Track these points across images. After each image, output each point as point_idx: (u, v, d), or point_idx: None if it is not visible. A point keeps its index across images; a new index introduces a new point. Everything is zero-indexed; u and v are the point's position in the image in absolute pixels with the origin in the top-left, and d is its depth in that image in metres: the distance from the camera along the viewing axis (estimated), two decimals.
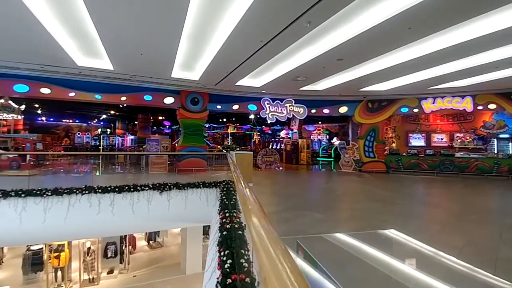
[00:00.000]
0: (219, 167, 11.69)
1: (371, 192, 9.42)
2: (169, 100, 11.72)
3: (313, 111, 14.14)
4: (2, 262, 9.43)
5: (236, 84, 10.98)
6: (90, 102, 11.20)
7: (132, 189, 5.83)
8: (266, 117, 13.52)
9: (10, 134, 13.08)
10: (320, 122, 23.35)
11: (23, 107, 12.87)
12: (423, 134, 16.22)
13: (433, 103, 13.03)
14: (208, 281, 2.73)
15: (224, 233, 2.75)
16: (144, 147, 14.76)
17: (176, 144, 13.93)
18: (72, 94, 10.14)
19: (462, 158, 13.04)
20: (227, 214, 3.32)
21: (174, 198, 6.12)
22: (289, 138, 20.10)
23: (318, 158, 20.49)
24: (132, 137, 22.59)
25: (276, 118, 13.63)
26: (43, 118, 24.16)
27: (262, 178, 11.67)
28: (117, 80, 10.31)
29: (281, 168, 15.20)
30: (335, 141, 20.47)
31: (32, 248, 8.76)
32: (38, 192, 5.42)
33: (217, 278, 2.06)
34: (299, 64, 8.47)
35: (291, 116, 14.08)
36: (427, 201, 8.51)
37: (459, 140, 14.92)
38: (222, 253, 2.33)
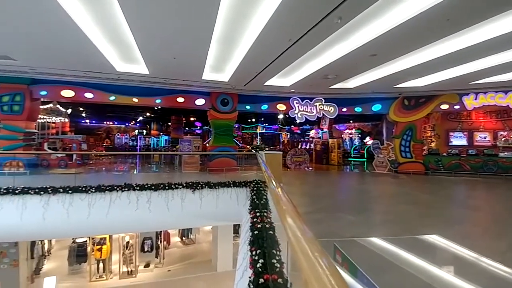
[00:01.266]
0: (248, 167, 11.82)
1: (408, 194, 8.89)
2: (200, 101, 12.08)
3: (344, 109, 13.69)
4: (50, 253, 10.38)
5: (265, 84, 11.00)
6: (128, 105, 11.92)
7: (167, 187, 6.09)
8: (295, 117, 13.37)
9: (58, 136, 14.37)
10: (351, 121, 22.56)
11: (69, 110, 14.11)
12: (465, 133, 14.93)
13: (475, 99, 11.99)
14: (240, 279, 2.76)
15: (255, 232, 2.77)
16: (177, 147, 15.39)
17: (207, 144, 14.32)
18: (112, 97, 10.88)
19: (506, 158, 11.91)
20: (257, 214, 3.34)
21: (206, 197, 6.28)
22: (319, 137, 19.68)
23: (349, 159, 19.82)
24: (166, 137, 23.63)
25: (306, 118, 13.41)
26: (87, 121, 26.22)
27: (292, 178, 11.56)
28: (152, 83, 10.85)
29: (310, 168, 14.94)
30: (368, 141, 19.64)
31: (77, 240, 9.52)
32: (83, 189, 5.88)
33: (249, 277, 2.08)
34: (329, 62, 8.25)
35: (321, 116, 13.77)
36: (470, 204, 7.85)
37: (502, 139, 13.57)
38: (253, 252, 2.35)
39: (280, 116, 21.52)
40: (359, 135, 21.88)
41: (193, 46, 6.97)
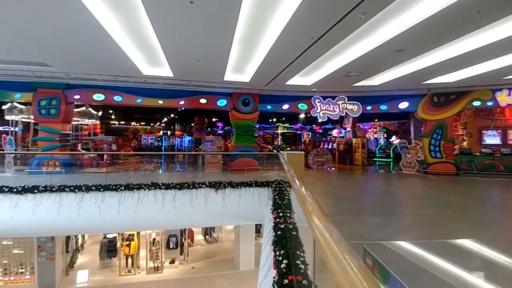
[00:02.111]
0: (270, 167, 11.81)
1: (438, 196, 8.45)
2: (222, 102, 12.27)
3: (369, 108, 13.27)
4: (83, 248, 11.03)
5: (286, 83, 10.93)
6: (154, 107, 12.38)
7: (191, 187, 6.26)
8: (317, 116, 13.16)
9: (90, 137, 15.23)
10: (376, 120, 21.82)
11: (100, 113, 14.89)
12: (499, 131, 13.89)
13: (509, 95, 11.15)
14: (264, 279, 2.78)
15: (279, 232, 2.78)
16: (200, 147, 15.73)
17: (229, 144, 14.50)
18: (139, 100, 11.35)
19: None
20: (280, 214, 3.34)
21: (228, 196, 6.38)
22: (342, 137, 19.23)
23: (374, 159, 19.18)
24: (189, 138, 24.24)
25: (328, 117, 13.16)
26: (116, 122, 27.54)
27: (314, 179, 11.39)
28: (176, 85, 11.18)
29: (333, 168, 14.64)
30: (395, 140, 18.88)
31: (108, 236, 10.05)
32: (113, 187, 6.20)
33: (273, 278, 2.09)
34: (353, 59, 8.03)
35: (343, 114, 13.44)
36: (505, 207, 7.31)
37: None
38: (277, 253, 2.35)
39: (302, 116, 21.30)
40: (385, 134, 21.11)
41: (215, 48, 7.10)
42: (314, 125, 26.00)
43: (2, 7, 5.13)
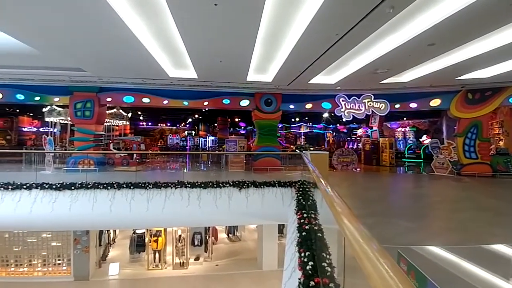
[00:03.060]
0: (292, 167, 11.72)
1: (473, 199, 7.90)
2: (244, 102, 12.37)
3: (397, 106, 12.71)
4: (114, 242, 11.63)
5: (309, 82, 10.77)
6: (179, 108, 12.76)
7: (215, 186, 6.38)
8: (341, 115, 12.84)
9: (121, 137, 16.02)
10: (405, 118, 20.85)
11: (129, 114, 15.61)
12: None
13: None
14: (288, 279, 2.76)
15: (303, 234, 2.75)
16: (223, 147, 15.97)
17: (252, 144, 14.58)
18: (165, 102, 11.77)
19: None
20: (305, 215, 3.30)
21: (251, 196, 6.43)
22: (368, 136, 18.60)
23: (403, 159, 18.34)
24: (213, 138, 24.69)
25: (353, 116, 12.79)
26: (144, 123, 28.73)
27: (339, 180, 11.12)
28: (200, 87, 11.45)
29: (358, 169, 14.21)
30: (425, 140, 17.94)
31: (137, 232, 10.53)
32: (142, 185, 6.48)
33: (299, 279, 2.07)
34: (380, 55, 7.73)
35: (370, 113, 12.99)
36: None
37: None
38: (302, 254, 2.34)
39: (325, 115, 20.89)
40: (414, 134, 20.12)
41: (238, 48, 7.17)
42: (338, 125, 25.40)
43: (45, 20, 5.54)
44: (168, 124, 30.23)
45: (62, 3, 4.95)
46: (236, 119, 27.11)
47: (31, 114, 23.04)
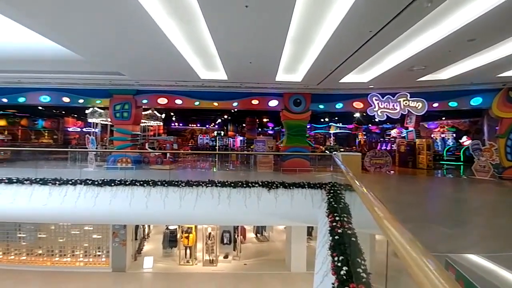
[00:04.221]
0: (322, 168, 11.47)
1: None
2: (273, 102, 12.35)
3: (435, 105, 11.89)
4: (149, 236, 12.23)
5: (340, 81, 10.47)
6: (209, 109, 13.10)
7: (244, 185, 6.45)
8: (374, 115, 12.30)
9: (155, 137, 16.82)
10: (444, 118, 19.44)
11: (163, 115, 16.33)
12: None
13: None
14: (320, 283, 2.71)
15: (336, 237, 2.67)
16: (252, 147, 16.09)
17: (280, 145, 14.52)
18: (196, 103, 12.16)
19: None
20: (337, 218, 3.21)
21: (280, 196, 6.40)
22: (403, 137, 17.62)
23: (441, 162, 17.10)
24: (241, 138, 24.98)
25: (387, 116, 12.19)
26: (176, 124, 29.88)
27: (372, 182, 10.65)
28: (229, 88, 11.65)
29: (392, 172, 13.52)
30: (466, 141, 16.59)
31: (170, 228, 10.98)
32: (175, 183, 6.75)
33: (333, 284, 2.02)
34: (416, 52, 7.29)
35: (405, 112, 12.30)
36: None
37: None
38: (335, 258, 2.27)
39: (357, 115, 20.17)
40: (453, 134, 18.70)
41: (268, 49, 7.18)
42: (370, 125, 24.39)
43: (89, 29, 6.00)
44: (198, 125, 31.16)
45: (104, 14, 5.33)
46: (265, 119, 27.16)
47: (75, 115, 25.04)
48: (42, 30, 6.25)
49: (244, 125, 26.58)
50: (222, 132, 30.28)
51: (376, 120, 13.86)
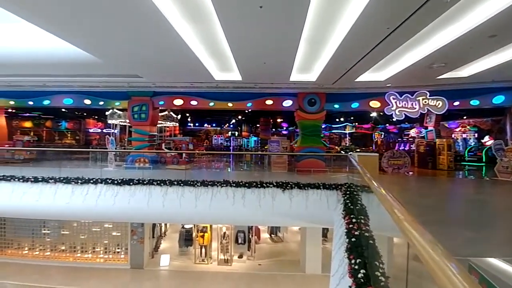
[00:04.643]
0: (337, 169, 11.29)
1: None
2: (287, 103, 12.30)
3: (456, 103, 11.45)
4: (165, 235, 12.48)
5: (356, 80, 10.28)
6: (224, 109, 13.21)
7: (259, 186, 6.46)
8: (392, 114, 11.98)
9: (171, 138, 17.15)
10: (465, 117, 18.67)
11: (179, 116, 16.62)
12: None
13: None
14: (336, 286, 2.67)
15: (353, 239, 2.63)
16: (266, 147, 16.07)
17: (295, 145, 14.43)
18: (211, 104, 12.30)
19: None
20: (353, 220, 3.16)
21: (295, 197, 6.36)
22: (422, 137, 17.04)
23: (463, 163, 16.40)
24: (255, 138, 25.03)
25: (405, 115, 11.84)
26: (191, 124, 30.36)
27: (390, 184, 10.35)
28: (243, 88, 11.71)
29: (411, 173, 13.11)
30: (487, 141, 15.84)
31: (186, 227, 11.16)
32: (191, 183, 6.86)
33: (349, 287, 1.99)
34: (436, 48, 7.05)
35: (425, 111, 11.90)
36: None
37: None
38: (352, 261, 2.24)
39: (373, 114, 19.72)
40: (475, 134, 17.91)
41: (282, 49, 7.16)
42: (387, 124, 23.77)
43: (109, 34, 6.21)
44: (213, 125, 31.50)
45: (123, 19, 5.50)
46: (278, 120, 27.08)
47: (96, 117, 25.99)
48: (65, 35, 6.55)
49: (258, 125, 26.60)
50: (236, 133, 30.46)
51: (394, 119, 13.47)
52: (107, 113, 13.96)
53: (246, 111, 22.38)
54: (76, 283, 9.21)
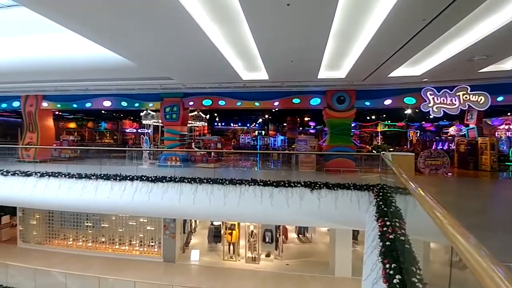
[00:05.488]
0: (368, 169, 10.88)
1: None
2: (315, 101, 12.07)
3: (500, 99, 10.47)
4: (195, 231, 12.88)
5: (389, 76, 9.79)
6: (251, 109, 13.32)
7: (287, 185, 6.44)
8: (429, 111, 11.24)
9: (201, 137, 17.65)
10: (509, 114, 17.05)
11: (207, 116, 17.07)
12: None
13: None
14: None
15: (387, 243, 2.52)
16: (293, 146, 15.93)
17: (323, 144, 14.14)
18: (239, 103, 12.46)
19: None
20: (387, 223, 3.03)
21: (324, 197, 6.24)
22: (463, 135, 15.80)
23: (507, 163, 14.92)
24: (282, 137, 24.91)
25: (444, 111, 11.05)
26: (219, 124, 31.00)
27: (427, 185, 9.74)
28: (270, 87, 11.70)
29: (450, 174, 12.22)
30: None
31: (215, 223, 11.44)
32: (220, 181, 7.02)
33: None
34: (477, 40, 6.49)
35: (465, 108, 11.02)
36: None
37: None
38: (387, 265, 2.15)
39: (408, 111, 18.68)
40: None
41: (310, 46, 7.04)
42: (423, 122, 22.38)
43: (143, 40, 6.55)
44: (240, 125, 31.88)
45: (155, 24, 5.77)
46: (306, 118, 26.70)
47: (132, 117, 27.54)
48: (104, 42, 7.03)
49: (284, 124, 26.43)
50: (263, 132, 30.54)
51: (431, 116, 12.64)
52: (141, 114, 14.74)
53: (273, 110, 22.35)
54: (114, 273, 9.85)
